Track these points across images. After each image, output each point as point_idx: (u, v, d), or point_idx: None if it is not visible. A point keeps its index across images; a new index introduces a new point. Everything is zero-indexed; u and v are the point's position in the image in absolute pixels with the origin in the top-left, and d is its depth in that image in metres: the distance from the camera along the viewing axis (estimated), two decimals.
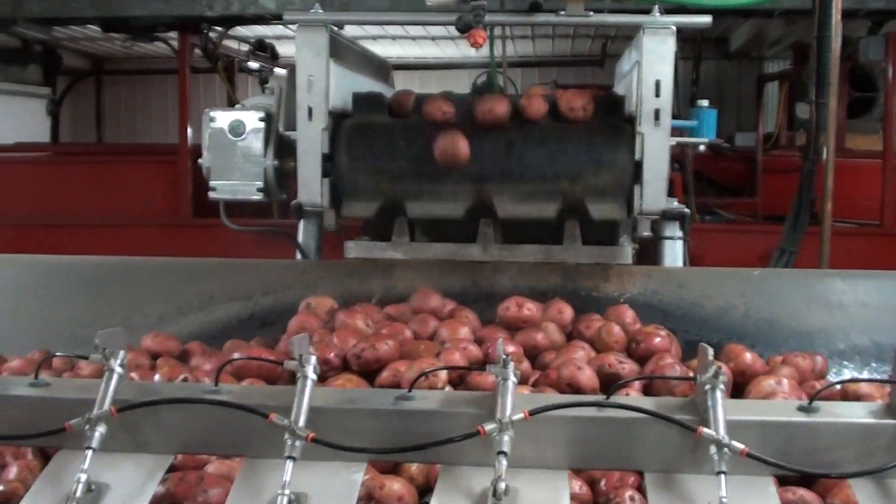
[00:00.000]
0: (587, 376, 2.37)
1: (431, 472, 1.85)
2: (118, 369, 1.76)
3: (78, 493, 1.62)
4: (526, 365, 2.45)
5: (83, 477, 1.64)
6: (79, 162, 7.52)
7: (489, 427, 1.61)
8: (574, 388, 2.23)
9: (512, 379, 1.70)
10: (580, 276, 3.08)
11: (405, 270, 3.10)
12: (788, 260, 4.60)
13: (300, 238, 3.43)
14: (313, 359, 1.72)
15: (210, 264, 3.27)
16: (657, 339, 2.55)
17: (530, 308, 2.75)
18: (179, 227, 6.68)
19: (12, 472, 2.26)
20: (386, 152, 3.04)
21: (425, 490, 1.85)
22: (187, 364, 2.62)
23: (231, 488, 1.70)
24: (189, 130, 6.90)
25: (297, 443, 1.62)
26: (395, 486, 1.82)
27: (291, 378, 1.79)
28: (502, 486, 1.54)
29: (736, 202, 7.60)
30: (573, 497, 1.76)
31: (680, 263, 3.43)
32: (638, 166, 2.95)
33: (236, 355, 2.26)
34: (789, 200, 4.69)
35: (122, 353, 1.78)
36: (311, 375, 1.70)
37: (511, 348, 2.58)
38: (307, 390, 1.68)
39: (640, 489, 2.09)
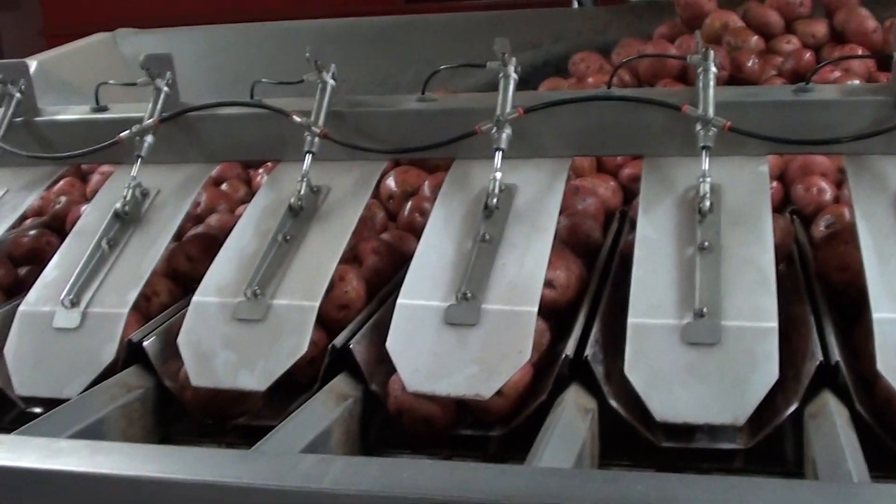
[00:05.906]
0: None
1: None
2: (514, 75, 1.79)
3: (496, 191, 1.67)
4: None
5: (498, 175, 1.68)
6: None
7: None
8: None
9: None
10: None
11: None
12: None
13: None
14: (712, 53, 1.71)
15: (494, 16, 3.28)
16: None
17: None
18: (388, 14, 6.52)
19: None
20: None
21: None
22: None
23: (641, 184, 1.73)
24: None
25: (711, 132, 1.63)
26: None
27: None
28: None
29: None
30: None
31: None
32: None
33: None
34: None
35: (514, 59, 1.81)
36: (713, 69, 1.69)
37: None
38: (711, 83, 1.68)
39: None
